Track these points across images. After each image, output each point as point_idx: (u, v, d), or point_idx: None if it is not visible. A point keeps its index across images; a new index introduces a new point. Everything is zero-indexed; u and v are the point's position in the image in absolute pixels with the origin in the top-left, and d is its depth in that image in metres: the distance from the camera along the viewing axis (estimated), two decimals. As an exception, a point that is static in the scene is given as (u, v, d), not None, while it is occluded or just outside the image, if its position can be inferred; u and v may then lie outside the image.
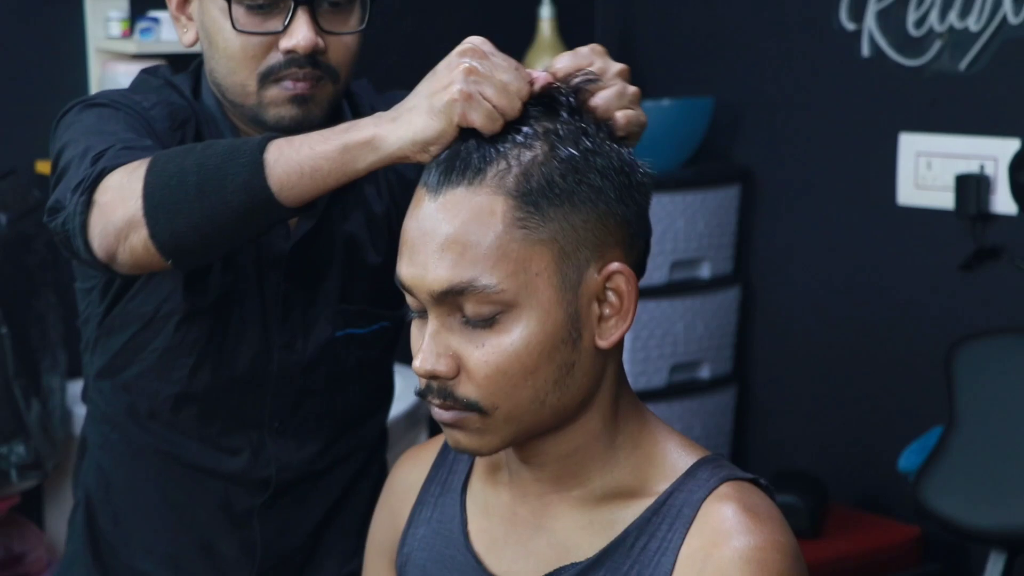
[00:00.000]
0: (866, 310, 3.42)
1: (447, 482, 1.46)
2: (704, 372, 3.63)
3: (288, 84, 1.59)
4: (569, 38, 3.60)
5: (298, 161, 1.34)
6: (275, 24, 1.58)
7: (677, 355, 3.55)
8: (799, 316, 3.59)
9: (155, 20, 2.98)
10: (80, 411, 2.99)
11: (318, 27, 1.60)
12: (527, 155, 1.26)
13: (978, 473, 2.83)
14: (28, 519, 2.99)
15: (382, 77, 3.44)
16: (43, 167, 3.00)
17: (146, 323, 1.67)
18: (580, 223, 1.27)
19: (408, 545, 1.45)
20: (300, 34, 1.58)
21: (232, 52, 1.59)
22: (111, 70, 2.99)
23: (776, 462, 3.62)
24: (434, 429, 3.20)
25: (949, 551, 3.28)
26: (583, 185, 1.27)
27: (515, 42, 3.58)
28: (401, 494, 1.50)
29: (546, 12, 3.58)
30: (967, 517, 2.80)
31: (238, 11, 1.58)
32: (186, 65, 1.51)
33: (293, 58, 1.58)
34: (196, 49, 1.69)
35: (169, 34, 2.99)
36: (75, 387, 3.03)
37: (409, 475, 1.50)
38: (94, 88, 3.03)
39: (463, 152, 1.27)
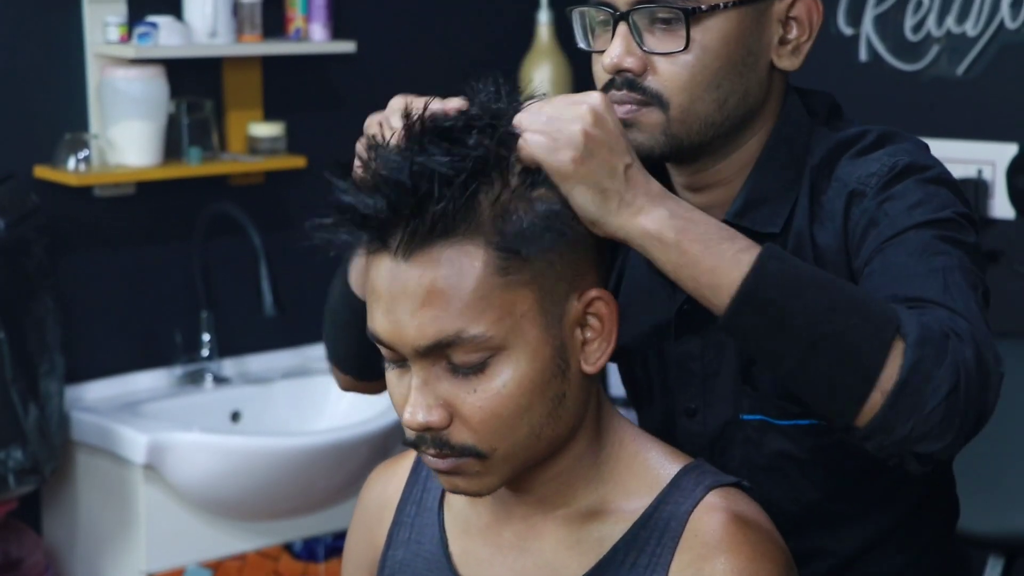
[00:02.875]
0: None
1: (422, 501, 1.43)
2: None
3: (614, 108, 1.40)
4: (567, 43, 3.59)
5: None
6: (606, 42, 1.44)
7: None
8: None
9: (153, 25, 2.97)
10: (78, 416, 2.99)
11: (640, 47, 1.42)
12: (496, 194, 1.22)
13: (976, 478, 2.82)
14: (26, 524, 2.98)
15: (381, 81, 3.45)
16: (41, 172, 3.00)
17: None
18: (557, 258, 1.25)
19: (388, 568, 1.43)
20: (609, 52, 1.43)
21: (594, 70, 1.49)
22: (109, 75, 2.99)
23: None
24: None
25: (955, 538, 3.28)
26: (559, 222, 1.24)
27: (513, 47, 3.58)
28: (376, 512, 1.47)
29: (544, 17, 3.58)
30: (965, 522, 2.79)
31: (590, 28, 1.49)
32: (185, 71, 1.50)
33: (613, 79, 1.44)
34: (187, 54, 1.65)
35: (167, 39, 2.99)
36: (73, 392, 3.03)
37: (383, 493, 1.47)
38: (92, 92, 3.03)
39: (425, 203, 1.19)
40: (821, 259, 1.43)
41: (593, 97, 1.25)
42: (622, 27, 1.43)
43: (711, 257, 1.23)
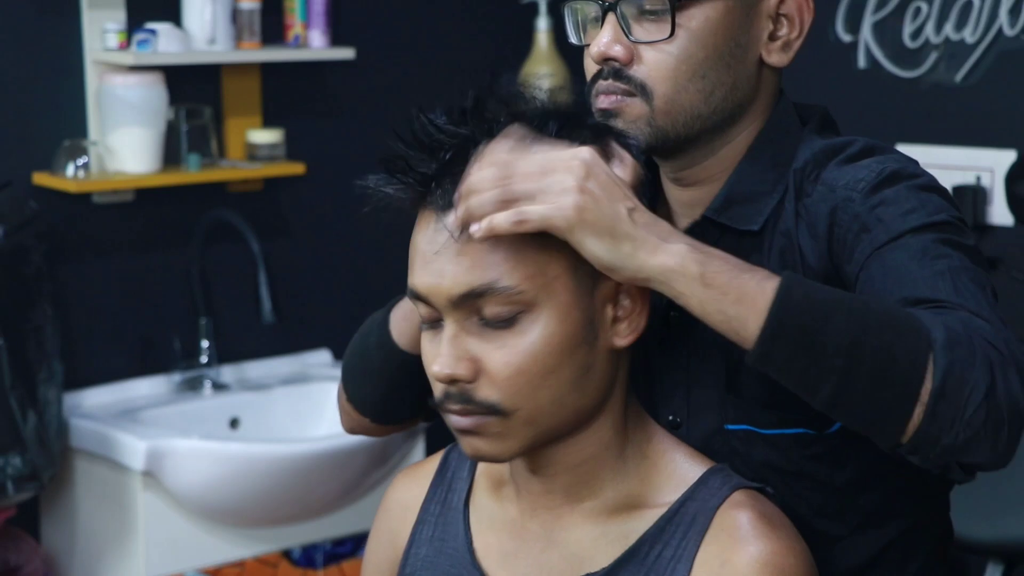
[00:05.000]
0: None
1: (447, 500, 1.45)
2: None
3: (600, 98, 1.45)
4: (566, 49, 3.60)
5: None
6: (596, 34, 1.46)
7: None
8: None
9: (152, 32, 2.97)
10: (76, 423, 2.99)
11: (628, 37, 1.43)
12: None
13: (975, 485, 2.82)
14: (24, 531, 2.98)
15: (380, 88, 3.45)
16: (40, 179, 3.00)
17: None
18: None
19: (410, 565, 1.44)
20: (596, 41, 1.44)
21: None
22: (108, 81, 2.99)
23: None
24: (431, 442, 3.20)
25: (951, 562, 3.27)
26: None
27: (512, 53, 3.58)
28: (399, 514, 1.48)
29: (543, 24, 3.58)
30: (964, 529, 2.79)
31: (583, 24, 1.50)
32: (184, 78, 1.51)
33: (600, 69, 1.45)
34: (185, 61, 1.66)
35: (166, 46, 2.99)
36: (71, 398, 3.03)
37: (406, 495, 1.49)
38: (91, 99, 3.03)
39: (465, 159, 1.27)
40: (805, 262, 1.42)
41: (581, 152, 1.25)
42: (610, 17, 1.43)
43: (736, 288, 1.22)
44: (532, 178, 1.23)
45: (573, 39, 1.51)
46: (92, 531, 3.00)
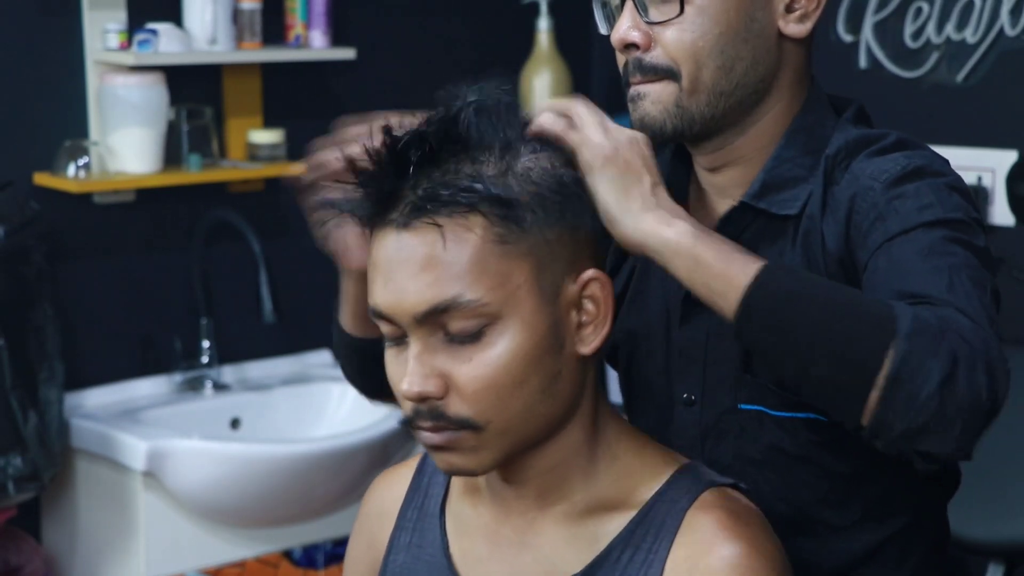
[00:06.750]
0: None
1: (423, 506, 1.44)
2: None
3: (631, 89, 1.48)
4: (567, 50, 3.60)
5: None
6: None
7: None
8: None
9: (153, 32, 2.97)
10: (77, 423, 2.99)
11: (646, 21, 1.46)
12: (496, 168, 1.27)
13: (976, 485, 2.82)
14: (25, 531, 2.98)
15: (380, 89, 3.45)
16: (41, 179, 3.00)
17: None
18: (555, 237, 1.28)
19: (389, 572, 1.44)
20: (616, 29, 1.48)
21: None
22: (109, 82, 2.99)
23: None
24: (432, 441, 3.20)
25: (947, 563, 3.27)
26: (558, 201, 1.28)
27: (513, 53, 3.58)
28: (377, 519, 1.48)
29: (544, 24, 3.58)
30: (965, 529, 2.79)
31: (612, 16, 1.53)
32: (185, 78, 1.51)
33: (627, 58, 1.48)
34: (178, 61, 1.67)
35: (167, 46, 2.99)
36: (72, 399, 3.03)
37: (384, 500, 1.48)
38: (92, 99, 3.03)
39: (428, 182, 1.26)
40: (824, 246, 1.45)
41: (635, 134, 1.34)
42: (628, 4, 1.46)
43: (722, 264, 1.27)
44: (588, 127, 1.30)
45: (603, 30, 1.54)
46: (93, 531, 3.00)
